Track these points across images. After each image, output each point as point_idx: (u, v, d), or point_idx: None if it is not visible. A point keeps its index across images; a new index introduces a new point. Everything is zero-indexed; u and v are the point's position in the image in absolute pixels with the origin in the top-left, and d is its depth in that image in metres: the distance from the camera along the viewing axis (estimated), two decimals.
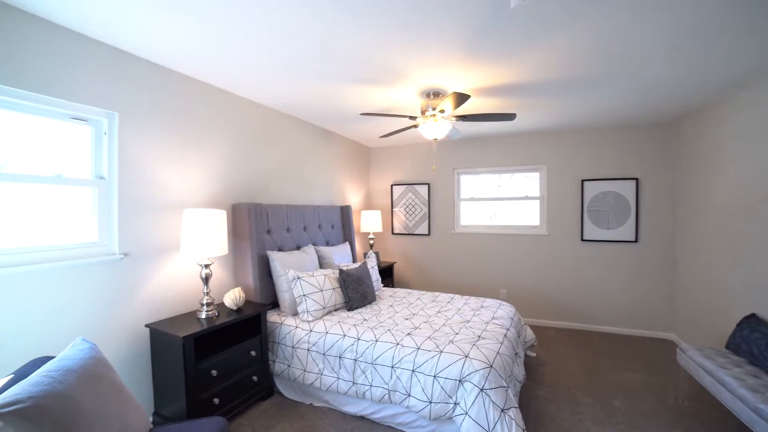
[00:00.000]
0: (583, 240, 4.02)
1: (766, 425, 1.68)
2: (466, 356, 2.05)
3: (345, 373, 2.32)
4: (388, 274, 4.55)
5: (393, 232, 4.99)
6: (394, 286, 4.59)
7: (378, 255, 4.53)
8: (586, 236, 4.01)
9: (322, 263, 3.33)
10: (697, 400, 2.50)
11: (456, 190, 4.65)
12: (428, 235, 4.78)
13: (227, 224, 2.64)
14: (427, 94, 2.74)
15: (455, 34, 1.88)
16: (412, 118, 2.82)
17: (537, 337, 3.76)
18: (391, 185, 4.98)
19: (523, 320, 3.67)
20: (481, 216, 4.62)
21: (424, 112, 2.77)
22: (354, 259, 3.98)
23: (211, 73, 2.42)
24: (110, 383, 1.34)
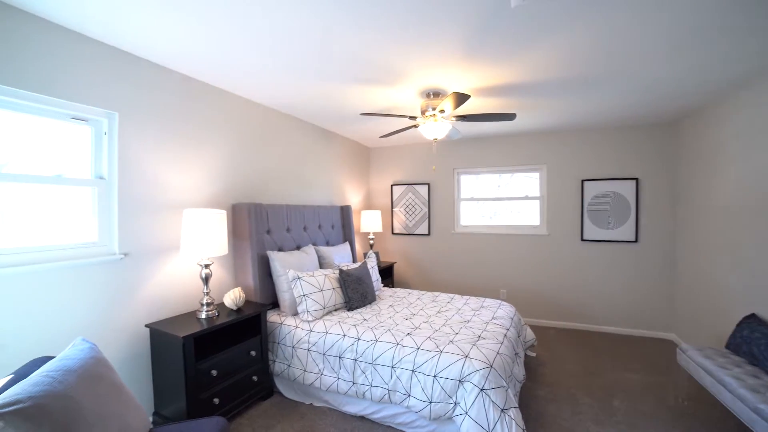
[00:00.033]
0: (583, 240, 4.02)
1: (766, 425, 1.68)
2: (466, 356, 2.05)
3: (345, 373, 2.32)
4: (388, 274, 4.55)
5: (393, 232, 4.99)
6: (394, 286, 4.59)
7: (378, 255, 4.53)
8: (586, 236, 4.01)
9: (322, 263, 3.33)
10: (697, 400, 2.50)
11: (456, 190, 4.65)
12: (428, 235, 4.78)
13: (227, 224, 2.64)
14: (427, 94, 2.74)
15: (455, 34, 1.88)
16: (412, 118, 2.82)
17: (537, 337, 3.76)
18: (391, 185, 4.98)
19: (523, 320, 3.67)
20: (481, 216, 4.62)
21: (424, 112, 2.77)
22: (354, 259, 3.98)
23: (211, 74, 2.42)
24: (110, 383, 1.34)
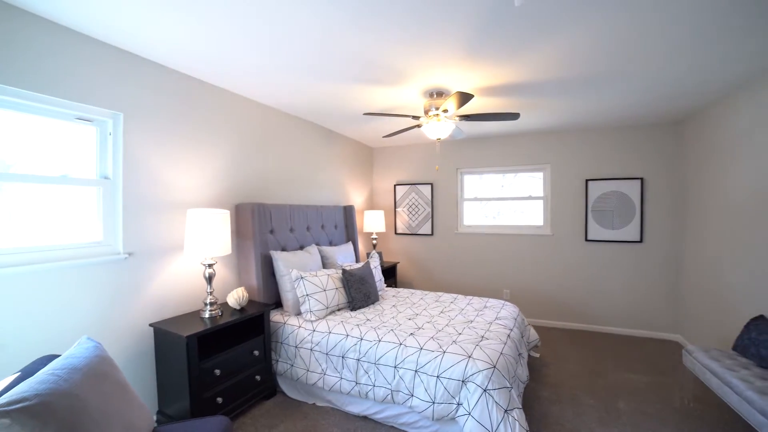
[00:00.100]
0: (588, 240, 4.00)
1: None
2: (470, 356, 2.04)
3: (348, 373, 2.32)
4: (391, 274, 4.55)
5: (396, 232, 4.98)
6: (397, 286, 4.58)
7: (381, 255, 4.53)
8: (591, 236, 3.98)
9: (325, 263, 3.33)
10: (703, 403, 2.48)
11: (459, 190, 4.64)
12: (431, 235, 4.77)
13: (231, 224, 2.64)
14: (430, 94, 2.73)
15: (456, 34, 1.87)
16: (415, 118, 2.82)
17: (541, 337, 3.74)
18: (394, 185, 4.97)
19: (527, 321, 3.65)
20: (484, 216, 4.61)
21: (427, 112, 2.76)
22: (357, 259, 3.98)
23: (213, 74, 2.43)
24: (115, 382, 1.35)
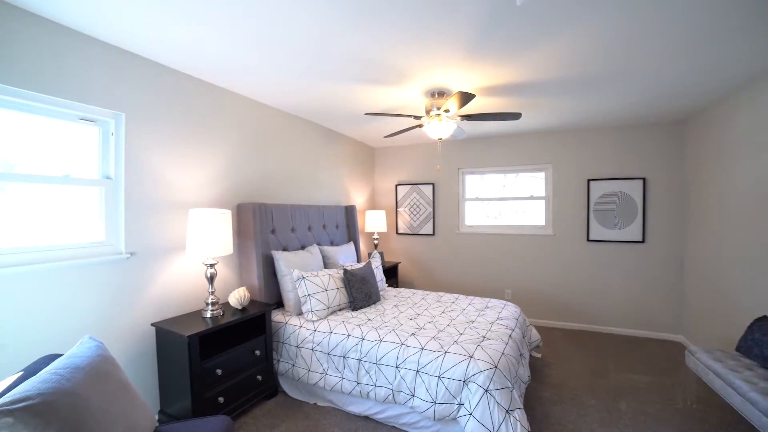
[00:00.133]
0: (589, 240, 3.98)
1: None
2: (471, 357, 2.04)
3: (349, 373, 2.32)
4: (392, 274, 4.55)
5: (397, 232, 4.98)
6: (398, 286, 4.58)
7: (382, 255, 4.53)
8: (593, 236, 3.97)
9: (327, 263, 3.33)
10: (706, 404, 2.46)
11: (461, 189, 4.63)
12: (433, 235, 4.76)
13: (232, 224, 2.65)
14: (432, 94, 2.73)
15: (458, 34, 1.87)
16: (417, 118, 2.82)
17: (542, 338, 3.73)
18: (396, 185, 4.97)
19: (528, 321, 3.64)
20: (486, 216, 4.60)
21: (428, 112, 2.76)
22: (358, 259, 3.98)
23: (214, 74, 2.43)
24: (117, 381, 1.35)
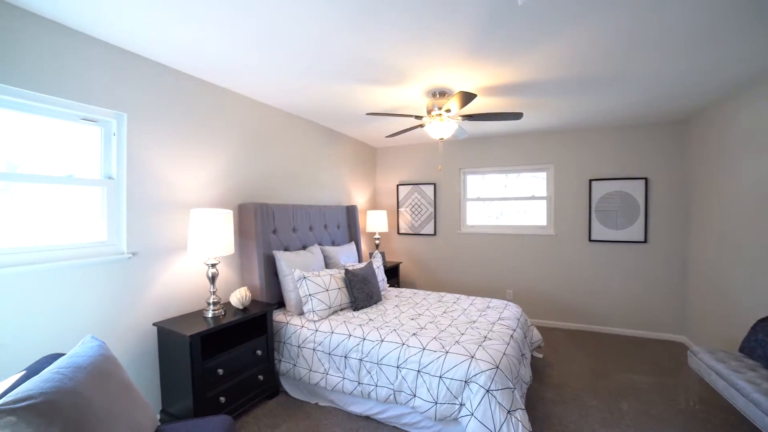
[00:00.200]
0: (591, 240, 3.97)
1: None
2: (472, 357, 2.03)
3: (350, 373, 2.32)
4: (393, 274, 4.54)
5: (399, 232, 4.98)
6: (399, 286, 4.58)
7: (384, 255, 4.52)
8: (594, 236, 3.96)
9: (328, 263, 3.33)
10: (709, 404, 2.45)
11: (462, 189, 4.63)
12: (434, 235, 4.76)
13: (234, 224, 2.66)
14: (433, 94, 2.73)
15: (458, 34, 1.87)
16: (418, 118, 2.81)
17: (544, 338, 3.72)
18: (397, 185, 4.97)
19: (530, 321, 3.64)
20: (487, 216, 4.59)
21: (430, 112, 2.75)
22: (360, 259, 3.98)
23: (214, 74, 2.43)
24: (119, 380, 1.35)
